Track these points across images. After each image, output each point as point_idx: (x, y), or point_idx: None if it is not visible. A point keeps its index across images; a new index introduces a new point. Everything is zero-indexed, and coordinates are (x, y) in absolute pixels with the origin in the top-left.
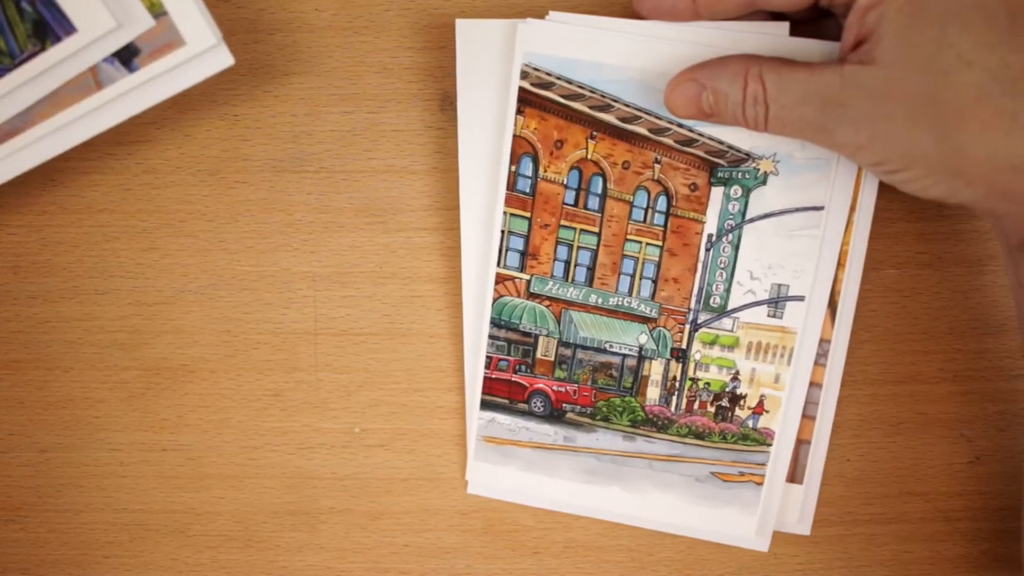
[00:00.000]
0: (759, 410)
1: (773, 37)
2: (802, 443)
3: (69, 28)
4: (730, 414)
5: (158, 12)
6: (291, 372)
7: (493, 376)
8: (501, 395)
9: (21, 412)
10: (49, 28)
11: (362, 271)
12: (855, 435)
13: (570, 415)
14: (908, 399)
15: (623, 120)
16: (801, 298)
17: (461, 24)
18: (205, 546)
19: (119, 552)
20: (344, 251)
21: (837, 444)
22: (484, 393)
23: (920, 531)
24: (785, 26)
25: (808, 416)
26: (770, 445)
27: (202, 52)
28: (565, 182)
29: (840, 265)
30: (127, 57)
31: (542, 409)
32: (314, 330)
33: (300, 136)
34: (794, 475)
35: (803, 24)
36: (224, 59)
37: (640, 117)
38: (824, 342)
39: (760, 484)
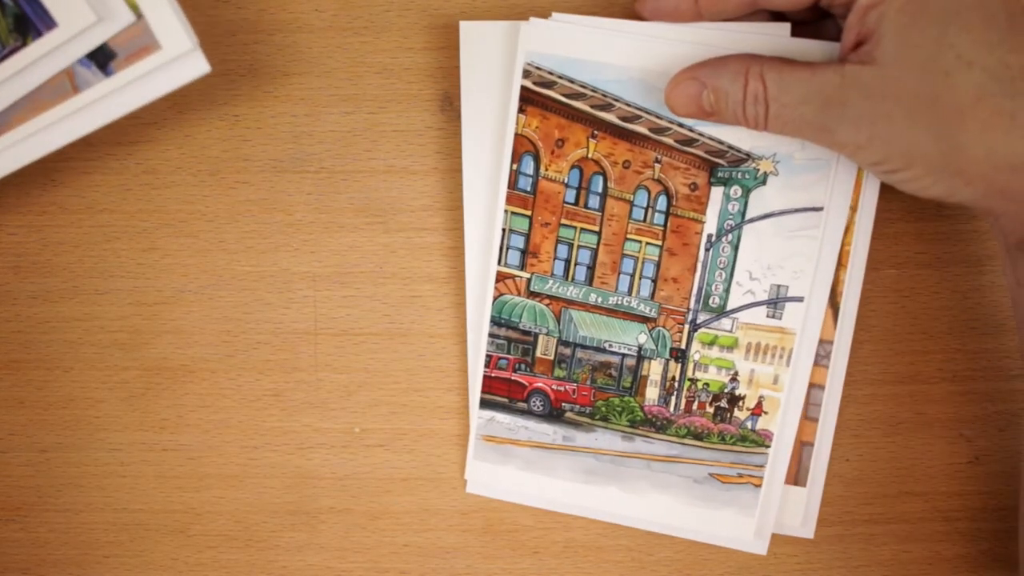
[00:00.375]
0: (758, 411)
1: (774, 38)
2: (805, 445)
3: (50, 23)
4: (729, 415)
5: (135, 15)
6: (291, 372)
7: (493, 375)
8: (500, 394)
9: (21, 412)
10: (30, 23)
11: (362, 271)
12: (855, 435)
13: (569, 414)
14: (908, 399)
15: (624, 119)
16: (800, 299)
17: (465, 26)
18: (205, 546)
19: (119, 552)
20: (344, 251)
21: (836, 444)
22: (483, 392)
23: (919, 531)
24: (786, 27)
25: (811, 418)
26: (768, 447)
27: (178, 57)
28: (566, 181)
29: (842, 266)
30: (103, 61)
31: (541, 408)
32: (314, 330)
33: (300, 136)
34: (797, 478)
35: (803, 25)
36: (200, 66)
37: (641, 116)
38: (826, 343)
39: (759, 486)
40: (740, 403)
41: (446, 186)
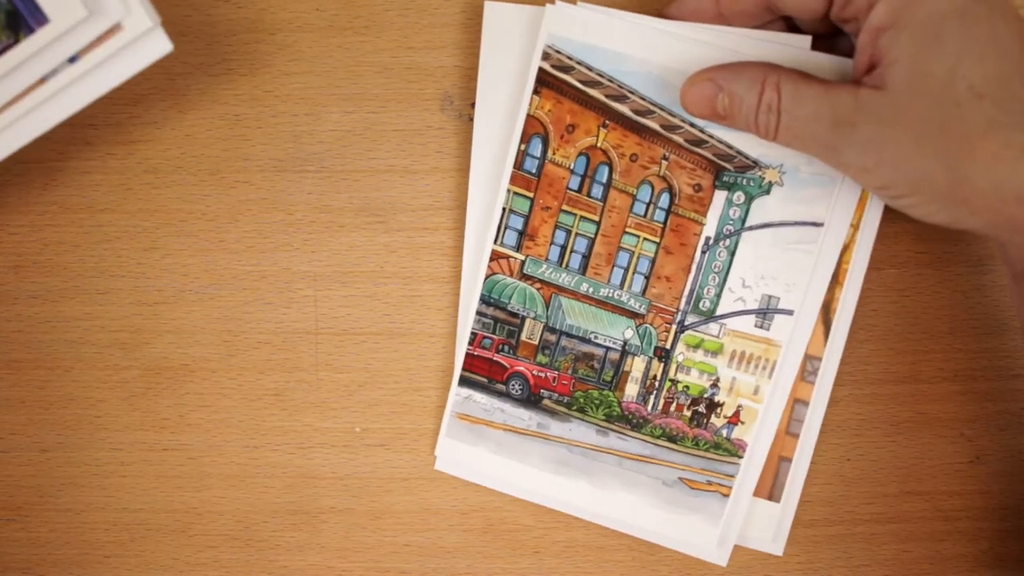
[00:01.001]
0: (735, 420)
1: (793, 49)
2: (783, 460)
3: (41, 19)
4: (705, 421)
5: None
6: (292, 372)
7: (475, 353)
8: (481, 373)
9: (22, 412)
10: (22, 19)
11: (362, 271)
12: (855, 435)
13: (546, 402)
14: (908, 398)
15: (637, 112)
16: (790, 312)
17: (489, 6)
18: (206, 545)
19: (120, 551)
20: (344, 251)
21: (837, 444)
22: (464, 369)
23: (920, 530)
24: (807, 39)
25: (792, 433)
26: (741, 457)
27: (140, 36)
28: (572, 167)
29: (838, 284)
30: None
31: (519, 392)
32: (315, 330)
33: (301, 136)
34: (772, 492)
35: (819, 39)
36: (162, 45)
37: (654, 111)
38: (815, 360)
39: (727, 496)
40: (718, 410)
41: (446, 185)
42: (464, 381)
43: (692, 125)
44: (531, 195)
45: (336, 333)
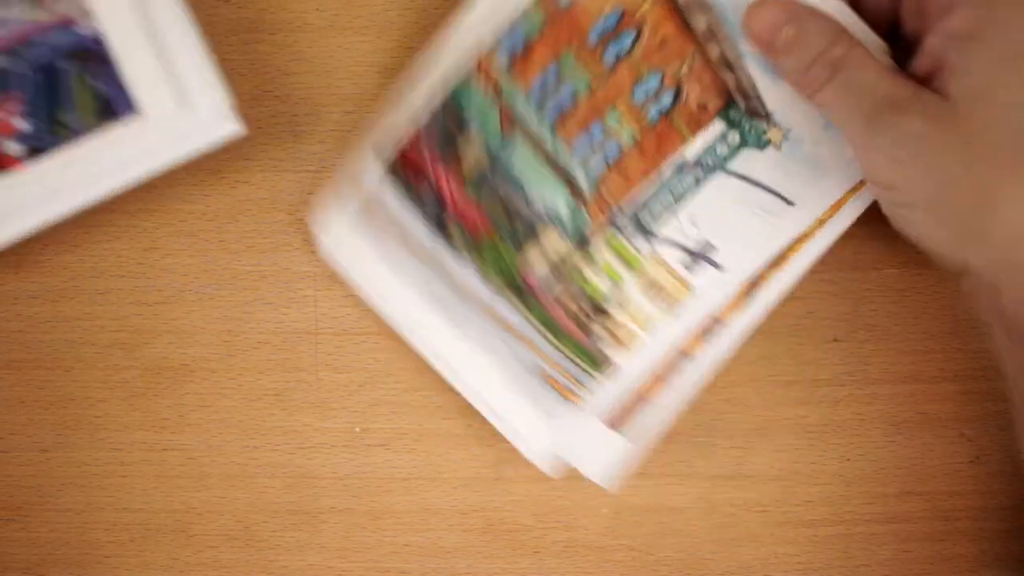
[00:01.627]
0: (615, 339)
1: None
2: (645, 402)
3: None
4: (588, 325)
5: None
6: (292, 372)
7: (410, 152)
8: (408, 173)
9: (22, 411)
10: (111, 109)
11: None
12: (855, 434)
13: (453, 231)
14: (908, 399)
15: (689, 4)
16: (719, 267)
17: None
18: (206, 545)
19: (120, 551)
20: None
21: (837, 444)
22: (399, 160)
23: (920, 531)
24: (884, 47)
25: (665, 382)
26: (605, 375)
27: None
28: (603, 16)
29: (778, 266)
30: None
31: (432, 210)
32: (315, 329)
33: (301, 136)
34: (623, 427)
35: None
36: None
37: (709, 9)
38: (721, 324)
39: (576, 404)
40: (604, 320)
41: None
42: (390, 169)
43: (734, 46)
44: (547, 20)
45: (336, 333)
